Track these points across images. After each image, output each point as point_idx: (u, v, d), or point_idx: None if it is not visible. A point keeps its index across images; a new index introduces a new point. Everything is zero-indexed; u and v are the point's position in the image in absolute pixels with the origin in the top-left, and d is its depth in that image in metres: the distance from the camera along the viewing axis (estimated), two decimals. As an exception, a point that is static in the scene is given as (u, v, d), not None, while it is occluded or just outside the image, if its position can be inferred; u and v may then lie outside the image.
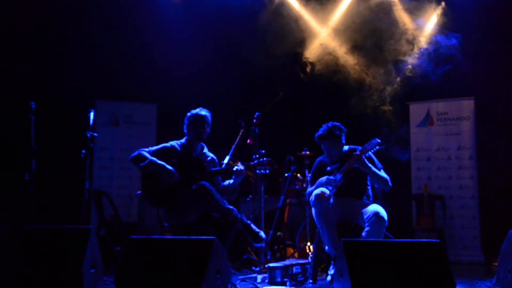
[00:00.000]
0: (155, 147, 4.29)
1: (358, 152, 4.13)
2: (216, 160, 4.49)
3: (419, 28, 6.51)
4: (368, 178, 4.36)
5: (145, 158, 4.09)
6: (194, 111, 4.39)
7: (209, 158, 4.43)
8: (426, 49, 6.10)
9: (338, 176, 4.21)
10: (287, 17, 6.87)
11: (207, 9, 6.90)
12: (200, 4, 6.97)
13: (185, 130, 4.39)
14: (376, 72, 6.38)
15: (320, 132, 4.36)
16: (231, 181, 4.31)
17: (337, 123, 4.40)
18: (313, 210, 4.11)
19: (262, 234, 3.96)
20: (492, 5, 6.31)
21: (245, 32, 6.68)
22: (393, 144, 5.30)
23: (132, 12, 7.03)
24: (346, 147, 4.45)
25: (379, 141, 4.09)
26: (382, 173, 4.24)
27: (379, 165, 4.32)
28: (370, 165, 4.14)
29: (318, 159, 4.59)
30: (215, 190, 3.95)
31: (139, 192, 5.67)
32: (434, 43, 6.02)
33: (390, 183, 4.23)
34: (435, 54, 6.02)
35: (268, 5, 6.77)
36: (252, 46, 6.60)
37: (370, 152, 4.15)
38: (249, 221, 3.98)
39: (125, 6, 6.96)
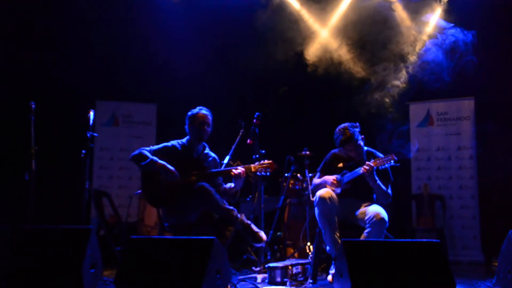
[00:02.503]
0: (156, 147, 4.26)
1: (371, 163, 4.06)
2: (218, 160, 4.45)
3: (424, 26, 6.45)
4: None
5: (146, 157, 4.06)
6: (194, 111, 4.32)
7: (210, 158, 4.39)
8: (440, 45, 5.95)
9: (345, 179, 4.20)
10: (287, 17, 6.87)
11: (207, 9, 6.90)
12: (200, 4, 6.97)
13: (186, 130, 4.34)
14: (377, 71, 6.36)
15: (341, 136, 4.26)
16: (232, 184, 4.24)
17: (351, 124, 4.31)
18: (316, 210, 4.10)
19: (263, 234, 3.93)
20: (492, 4, 6.30)
21: (245, 32, 6.68)
22: (397, 141, 5.27)
23: (132, 12, 7.04)
24: (365, 148, 4.39)
25: (395, 158, 4.03)
26: (388, 189, 4.23)
27: (391, 179, 4.30)
28: (377, 178, 4.11)
29: (333, 150, 4.51)
30: (215, 190, 3.94)
31: (139, 191, 5.68)
32: (448, 39, 5.85)
33: (390, 199, 4.23)
34: (450, 51, 5.86)
35: (268, 5, 6.76)
36: (252, 46, 6.59)
37: (386, 165, 4.08)
38: (249, 221, 3.96)
39: (125, 6, 6.96)
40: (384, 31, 6.32)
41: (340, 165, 4.37)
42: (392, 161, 4.03)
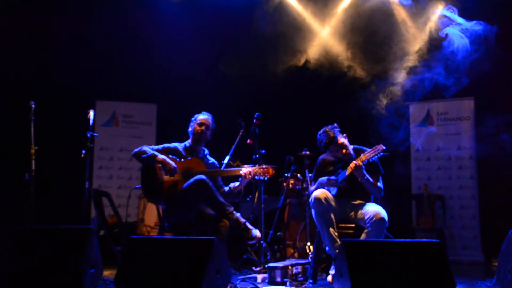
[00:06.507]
0: (157, 146, 4.35)
1: (361, 157, 4.05)
2: (217, 165, 4.54)
3: (429, 23, 6.40)
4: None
5: (148, 151, 4.15)
6: (196, 115, 4.46)
7: (209, 162, 4.49)
8: (452, 43, 5.79)
9: (340, 178, 4.19)
10: (288, 17, 6.86)
11: (207, 9, 6.90)
12: (200, 4, 6.97)
13: (189, 133, 4.46)
14: (377, 71, 6.35)
15: (324, 139, 4.25)
16: (237, 183, 4.34)
17: (331, 126, 4.32)
18: (312, 211, 4.11)
19: (256, 232, 3.99)
20: (493, 4, 6.29)
21: (245, 31, 6.68)
22: (398, 140, 5.24)
23: (132, 12, 7.03)
24: (351, 146, 4.37)
25: (384, 147, 3.98)
26: (379, 183, 4.22)
27: (382, 171, 4.29)
28: (365, 172, 4.08)
29: (321, 156, 4.53)
30: (212, 183, 4.00)
31: (138, 186, 5.68)
32: (465, 35, 5.69)
33: (382, 193, 4.23)
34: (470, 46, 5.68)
35: (269, 5, 6.76)
36: (252, 45, 6.59)
37: (375, 157, 4.08)
38: (244, 220, 4.02)
39: (125, 6, 6.96)
40: (389, 29, 6.30)
41: (331, 168, 4.38)
42: (381, 152, 3.99)
